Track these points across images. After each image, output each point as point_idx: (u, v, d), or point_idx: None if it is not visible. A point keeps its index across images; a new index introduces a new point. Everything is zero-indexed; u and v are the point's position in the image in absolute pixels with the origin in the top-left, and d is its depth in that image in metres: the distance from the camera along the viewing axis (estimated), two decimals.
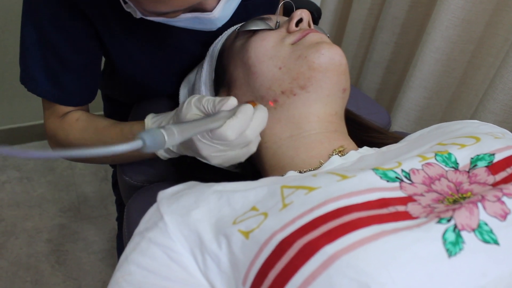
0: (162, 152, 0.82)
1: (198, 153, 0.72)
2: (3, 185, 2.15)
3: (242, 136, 0.69)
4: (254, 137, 0.71)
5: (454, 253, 0.46)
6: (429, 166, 0.58)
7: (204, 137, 0.69)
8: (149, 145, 0.52)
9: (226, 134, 0.67)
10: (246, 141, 0.70)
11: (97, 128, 0.90)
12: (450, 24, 1.20)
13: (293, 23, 0.79)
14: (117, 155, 0.89)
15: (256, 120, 0.71)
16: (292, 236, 0.50)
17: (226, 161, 0.74)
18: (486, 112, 1.11)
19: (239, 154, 0.73)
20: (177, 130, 0.57)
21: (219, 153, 0.71)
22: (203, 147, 0.70)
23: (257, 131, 0.71)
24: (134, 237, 0.63)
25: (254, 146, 0.74)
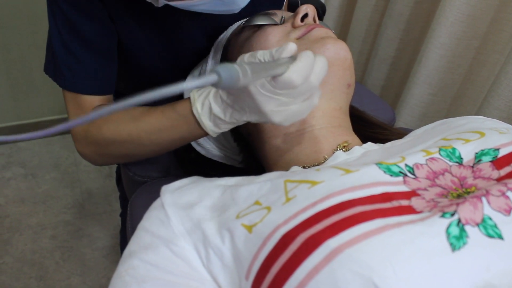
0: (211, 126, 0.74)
1: (260, 110, 0.66)
2: (8, 182, 2.16)
3: (307, 82, 0.64)
4: (318, 83, 0.66)
5: (458, 248, 0.46)
6: (433, 160, 0.58)
7: (266, 88, 0.63)
8: (224, 80, 0.49)
9: (292, 78, 0.61)
10: (311, 87, 0.65)
11: (133, 115, 0.83)
12: (455, 20, 1.20)
13: (299, 18, 0.79)
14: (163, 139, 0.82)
15: (318, 65, 0.66)
16: (295, 229, 0.50)
17: (289, 117, 0.67)
18: (491, 109, 1.11)
19: (302, 107, 0.67)
20: (250, 69, 0.54)
21: (282, 107, 0.66)
22: (265, 100, 0.64)
23: (321, 76, 0.66)
24: (137, 232, 0.63)
25: (317, 98, 0.69)
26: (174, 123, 0.78)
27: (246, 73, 0.52)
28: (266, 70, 0.59)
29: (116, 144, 0.84)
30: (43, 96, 2.23)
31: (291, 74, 0.61)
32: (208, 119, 0.73)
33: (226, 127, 0.74)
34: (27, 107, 2.24)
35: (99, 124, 0.85)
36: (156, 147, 0.84)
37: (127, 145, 0.84)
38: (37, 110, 2.27)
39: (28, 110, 2.25)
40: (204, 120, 0.73)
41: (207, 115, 0.72)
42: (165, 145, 0.84)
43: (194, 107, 0.73)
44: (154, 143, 0.82)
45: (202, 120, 0.73)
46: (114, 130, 0.83)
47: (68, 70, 0.86)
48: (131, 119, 0.83)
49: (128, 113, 0.83)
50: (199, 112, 0.73)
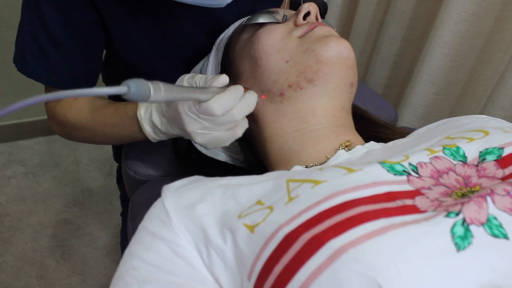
0: (150, 132, 0.80)
1: (184, 128, 0.72)
2: (9, 180, 2.16)
3: (229, 114, 0.70)
4: (240, 118, 0.72)
5: (463, 247, 0.45)
6: (437, 159, 0.57)
7: (191, 111, 0.69)
8: (133, 93, 0.52)
9: (213, 107, 0.67)
10: (233, 120, 0.71)
11: (94, 106, 0.89)
12: (459, 18, 1.19)
13: (301, 16, 0.78)
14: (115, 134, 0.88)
15: (245, 101, 0.72)
16: (298, 229, 0.50)
17: (210, 142, 0.74)
18: (496, 108, 1.10)
19: (224, 136, 0.73)
20: (164, 88, 0.58)
21: (204, 131, 0.72)
22: (189, 121, 0.70)
23: (244, 112, 0.72)
24: (138, 232, 0.63)
25: (240, 130, 0.75)
26: (123, 121, 0.84)
27: (159, 91, 0.57)
28: (189, 93, 0.65)
29: (76, 129, 0.92)
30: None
31: (213, 103, 0.67)
32: (148, 125, 0.79)
33: (162, 136, 0.80)
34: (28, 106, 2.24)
35: (64, 108, 0.92)
36: (110, 139, 0.93)
37: (85, 132, 0.92)
38: (38, 108, 2.26)
39: (27, 109, 2.25)
40: (145, 125, 0.79)
41: (147, 120, 0.79)
42: (117, 139, 0.91)
43: (139, 111, 0.79)
44: (108, 135, 0.90)
45: (143, 124, 0.79)
46: (75, 116, 0.90)
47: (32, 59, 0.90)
48: (91, 109, 0.89)
49: (90, 104, 0.90)
50: (141, 116, 0.79)
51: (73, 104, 0.91)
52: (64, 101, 0.92)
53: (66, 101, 0.91)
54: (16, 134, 2.31)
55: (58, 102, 0.92)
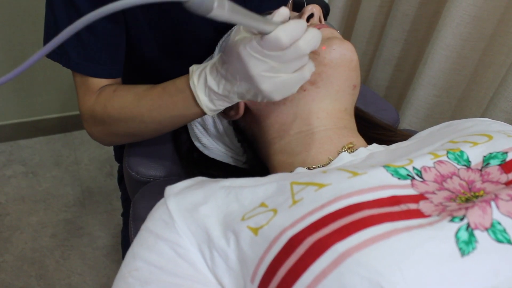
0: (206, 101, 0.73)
1: (248, 74, 0.64)
2: (9, 180, 2.15)
3: (295, 46, 0.62)
4: (308, 51, 0.64)
5: (467, 253, 0.45)
6: (441, 163, 0.57)
7: (254, 48, 0.62)
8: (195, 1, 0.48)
9: (279, 37, 0.60)
10: (300, 53, 0.63)
11: (137, 93, 0.84)
12: (461, 21, 1.19)
13: (304, 18, 0.79)
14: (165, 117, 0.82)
15: (310, 33, 0.64)
16: (302, 233, 0.50)
17: (278, 87, 0.66)
18: (497, 111, 1.10)
19: (292, 79, 0.66)
20: (229, 5, 0.52)
21: (271, 73, 0.64)
22: (253, 63, 0.63)
23: (311, 44, 0.64)
24: (141, 233, 0.62)
25: (308, 72, 0.67)
26: (173, 98, 0.78)
27: (222, 5, 0.51)
28: (253, 20, 0.58)
29: (121, 122, 0.85)
30: (45, 94, 2.23)
31: (278, 32, 0.60)
32: (203, 93, 0.72)
33: (220, 104, 0.73)
34: (29, 105, 2.24)
35: (104, 103, 0.86)
36: (158, 125, 0.85)
37: (131, 123, 0.85)
38: (39, 108, 2.27)
39: (30, 108, 2.25)
40: (200, 94, 0.73)
41: (202, 88, 0.72)
42: (166, 123, 0.84)
43: (191, 79, 0.73)
44: (155, 121, 0.83)
45: (198, 93, 0.73)
46: (118, 107, 0.84)
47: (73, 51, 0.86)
48: (134, 96, 0.83)
49: (132, 91, 0.85)
50: (195, 84, 0.73)
51: (113, 96, 0.86)
52: (102, 96, 0.87)
53: (105, 95, 0.87)
54: (16, 133, 2.31)
55: (96, 100, 0.87)
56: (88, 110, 0.89)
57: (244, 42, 0.63)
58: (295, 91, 0.69)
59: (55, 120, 2.34)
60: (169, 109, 0.79)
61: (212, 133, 0.91)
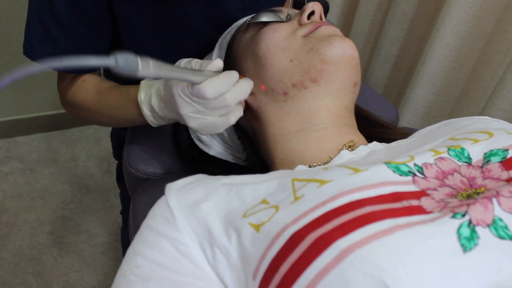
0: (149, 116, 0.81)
1: (178, 111, 0.72)
2: (6, 176, 2.15)
3: (221, 98, 0.70)
4: (234, 104, 0.72)
5: (469, 249, 0.45)
6: (442, 160, 0.57)
7: (184, 93, 0.70)
8: (121, 65, 0.53)
9: (205, 90, 0.67)
10: (225, 105, 0.71)
11: (100, 89, 0.92)
12: (460, 20, 1.19)
13: (305, 15, 0.78)
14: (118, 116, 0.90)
15: (238, 87, 0.72)
16: (304, 229, 0.50)
17: (203, 126, 0.74)
18: (495, 109, 1.10)
19: (218, 122, 0.74)
20: (154, 64, 0.58)
21: (198, 114, 0.72)
22: (182, 104, 0.71)
23: (237, 97, 0.72)
24: (141, 230, 0.62)
25: (234, 117, 0.75)
26: (125, 104, 0.86)
27: (147, 66, 0.57)
28: (180, 73, 0.65)
29: (84, 110, 0.95)
30: (43, 91, 2.22)
31: (205, 86, 0.68)
32: (147, 109, 0.80)
33: (160, 120, 0.81)
34: (27, 102, 2.24)
35: (74, 90, 0.95)
36: (114, 121, 0.96)
37: (92, 114, 0.95)
38: (37, 104, 2.26)
39: (27, 104, 2.25)
40: (144, 108, 0.81)
41: (147, 104, 0.80)
42: (121, 121, 0.94)
43: (139, 94, 0.81)
44: (112, 118, 0.92)
45: (143, 107, 0.81)
46: (83, 98, 0.93)
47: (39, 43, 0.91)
48: (97, 92, 0.92)
49: (97, 86, 0.93)
50: (141, 100, 0.81)
51: (82, 86, 0.94)
52: (73, 83, 0.94)
53: (76, 83, 0.94)
54: (14, 130, 2.30)
55: (69, 85, 0.95)
56: (61, 91, 0.98)
57: (178, 84, 0.71)
58: (220, 132, 0.77)
59: (52, 117, 2.34)
60: (122, 111, 0.88)
61: None
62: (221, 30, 0.93)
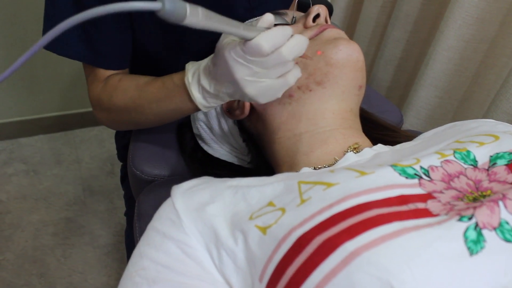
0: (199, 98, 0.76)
1: (233, 78, 0.67)
2: (10, 178, 2.15)
3: (278, 53, 0.65)
4: (291, 58, 0.67)
5: (476, 252, 0.46)
6: (448, 163, 0.57)
7: (238, 54, 0.65)
8: (168, 9, 0.51)
9: (260, 43, 0.62)
10: (282, 60, 0.66)
11: (138, 84, 0.87)
12: (464, 22, 1.19)
13: (311, 18, 0.79)
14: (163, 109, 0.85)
15: (294, 40, 0.66)
16: (311, 232, 0.50)
17: (262, 90, 0.69)
18: (499, 112, 1.11)
19: (275, 84, 0.69)
20: (203, 12, 0.55)
21: (255, 77, 0.67)
22: (237, 67, 0.66)
23: (294, 51, 0.66)
24: (147, 232, 0.62)
25: (292, 78, 0.70)
26: (170, 93, 0.81)
27: (196, 14, 0.54)
28: (231, 26, 0.60)
29: (124, 111, 0.89)
30: (46, 92, 2.23)
31: (259, 39, 0.62)
32: (197, 90, 0.75)
33: (212, 101, 0.76)
34: (30, 103, 2.24)
35: (110, 92, 0.90)
36: (156, 117, 0.88)
37: (133, 113, 0.89)
38: (40, 106, 2.27)
39: (31, 106, 2.25)
40: (193, 90, 0.75)
41: (196, 85, 0.75)
42: (163, 116, 0.87)
43: (186, 77, 0.76)
44: (154, 113, 0.86)
45: (192, 90, 0.75)
46: (121, 97, 0.88)
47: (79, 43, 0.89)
48: (136, 87, 0.87)
49: (134, 82, 0.88)
50: (189, 82, 0.76)
51: (117, 86, 0.90)
52: (108, 86, 0.91)
53: (110, 85, 0.90)
54: (17, 131, 2.31)
55: (103, 88, 0.92)
56: (95, 97, 0.93)
57: (230, 46, 0.65)
58: (279, 96, 0.71)
59: (56, 118, 2.34)
60: (166, 102, 0.82)
61: (217, 132, 0.91)
62: None
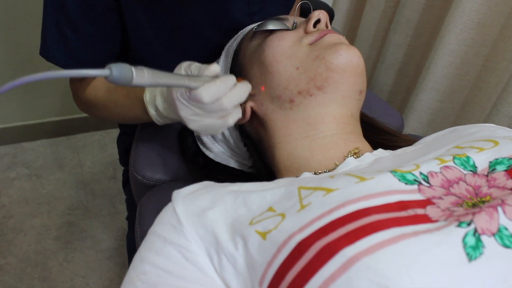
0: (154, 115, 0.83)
1: (177, 113, 0.74)
2: (12, 182, 2.16)
3: (218, 102, 0.71)
4: (231, 107, 0.74)
5: (475, 258, 0.46)
6: (448, 169, 0.58)
7: (183, 97, 0.71)
8: (115, 76, 0.54)
9: (201, 95, 0.69)
10: (222, 108, 0.73)
11: (109, 87, 0.94)
12: (465, 27, 1.20)
13: (311, 24, 0.79)
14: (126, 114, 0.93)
15: (235, 90, 0.74)
16: (310, 237, 0.50)
17: (202, 128, 0.76)
18: (501, 116, 1.11)
19: (216, 124, 0.76)
20: (148, 73, 0.59)
21: (196, 117, 0.74)
22: (181, 107, 0.73)
23: (234, 101, 0.74)
24: (148, 237, 0.63)
25: (232, 119, 0.77)
26: (132, 103, 0.88)
27: (142, 76, 0.58)
28: (176, 80, 0.66)
29: (95, 107, 0.98)
30: (49, 97, 2.23)
31: (201, 91, 0.69)
32: (152, 108, 0.82)
33: (165, 119, 0.83)
34: (33, 108, 2.24)
35: (85, 87, 0.97)
36: (123, 118, 0.99)
37: (102, 110, 0.97)
38: (43, 110, 2.27)
39: (33, 110, 2.25)
40: (150, 108, 0.82)
41: (152, 104, 0.82)
42: (129, 119, 0.97)
43: (145, 94, 0.82)
44: (120, 115, 0.95)
45: (148, 107, 0.82)
46: (94, 95, 0.96)
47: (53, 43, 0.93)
48: (106, 89, 0.94)
49: (106, 84, 0.95)
50: (146, 100, 0.82)
51: (92, 84, 0.96)
52: (84, 81, 0.96)
53: (86, 81, 0.96)
54: (20, 136, 2.31)
55: (80, 82, 0.98)
56: (74, 88, 1.01)
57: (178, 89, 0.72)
58: (219, 133, 0.82)
59: (58, 123, 2.34)
60: (129, 109, 0.90)
61: (217, 137, 0.92)
62: (228, 35, 0.93)
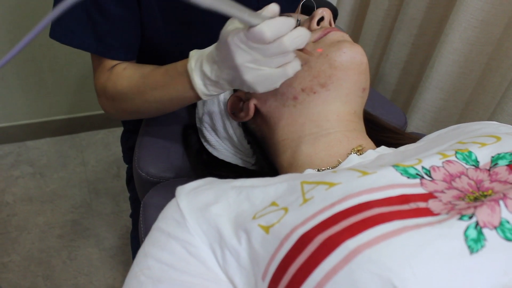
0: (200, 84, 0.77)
1: (233, 64, 0.68)
2: (16, 180, 2.16)
3: (279, 42, 0.65)
4: (291, 48, 0.67)
5: (476, 250, 0.46)
6: (450, 163, 0.58)
7: (240, 39, 0.65)
8: None
9: (263, 30, 0.63)
10: (283, 49, 0.66)
11: (143, 73, 0.89)
12: (469, 25, 1.20)
13: (315, 21, 0.79)
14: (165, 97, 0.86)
15: (296, 31, 0.67)
16: (313, 230, 0.50)
17: (260, 79, 0.70)
18: (504, 115, 1.11)
19: (275, 73, 0.69)
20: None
21: (255, 64, 0.68)
22: (239, 53, 0.67)
23: (296, 42, 0.67)
24: (152, 232, 0.63)
25: (291, 69, 0.70)
26: (172, 80, 0.82)
27: None
28: (239, 11, 0.60)
29: (128, 99, 0.91)
30: (53, 95, 2.24)
31: (263, 26, 0.63)
32: (198, 77, 0.76)
33: (213, 89, 0.77)
34: (37, 106, 2.25)
35: (114, 80, 0.92)
36: (159, 105, 0.89)
37: (137, 100, 0.90)
38: (47, 109, 2.28)
39: (38, 109, 2.26)
40: (195, 76, 0.76)
41: (198, 71, 0.76)
42: (166, 104, 0.88)
43: (189, 63, 0.77)
44: (157, 100, 0.87)
45: (193, 76, 0.76)
46: (126, 85, 0.90)
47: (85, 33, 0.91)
48: (140, 75, 0.89)
49: (139, 70, 0.90)
50: (192, 68, 0.76)
51: (122, 74, 0.92)
52: (113, 74, 0.93)
53: (115, 73, 0.93)
54: (24, 134, 2.32)
55: (108, 77, 0.94)
56: (101, 86, 0.95)
57: (233, 32, 0.66)
58: (277, 86, 0.71)
59: (62, 121, 2.35)
60: (169, 89, 0.83)
61: (221, 134, 0.92)
62: None
